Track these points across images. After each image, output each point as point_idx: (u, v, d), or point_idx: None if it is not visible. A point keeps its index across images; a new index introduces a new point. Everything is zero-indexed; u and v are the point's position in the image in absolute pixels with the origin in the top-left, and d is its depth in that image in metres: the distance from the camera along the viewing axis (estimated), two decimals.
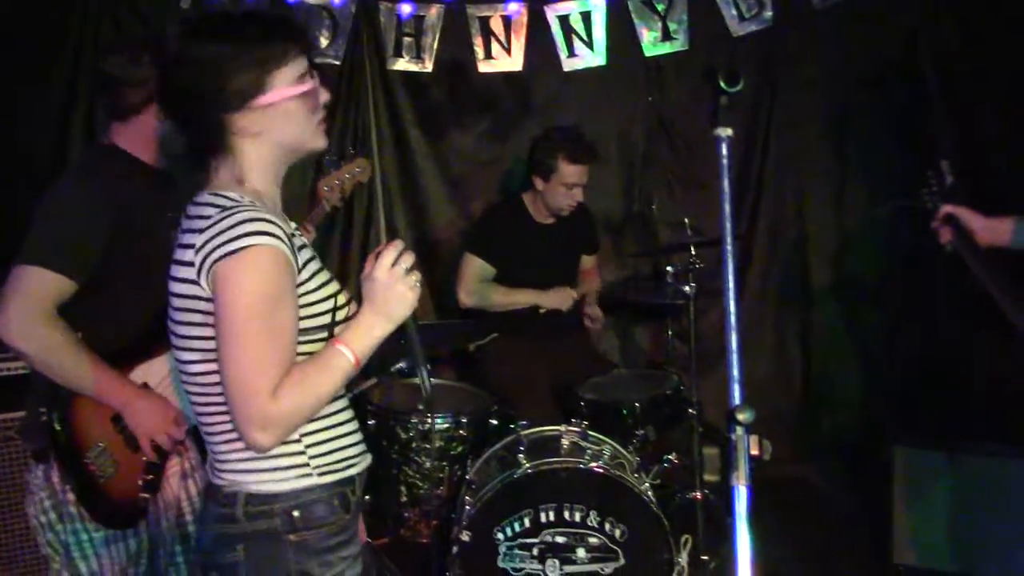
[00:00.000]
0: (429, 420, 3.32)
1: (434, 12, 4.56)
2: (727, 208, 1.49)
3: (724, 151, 1.48)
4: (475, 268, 4.02)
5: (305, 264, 1.76)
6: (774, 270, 4.79)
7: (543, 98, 4.68)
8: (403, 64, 4.61)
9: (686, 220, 3.67)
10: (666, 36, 4.61)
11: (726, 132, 1.49)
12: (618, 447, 3.32)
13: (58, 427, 2.31)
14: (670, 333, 4.25)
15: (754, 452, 1.35)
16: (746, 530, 1.33)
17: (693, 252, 3.58)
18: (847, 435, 4.72)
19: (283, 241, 1.67)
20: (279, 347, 1.67)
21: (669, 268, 3.81)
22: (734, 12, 4.56)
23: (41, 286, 2.23)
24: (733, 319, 1.40)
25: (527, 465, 3.09)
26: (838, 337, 4.79)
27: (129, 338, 2.40)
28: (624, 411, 3.57)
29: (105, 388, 2.30)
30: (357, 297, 1.86)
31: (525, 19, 4.59)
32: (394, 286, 1.76)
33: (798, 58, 4.62)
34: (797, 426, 4.86)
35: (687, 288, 3.54)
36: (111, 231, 2.31)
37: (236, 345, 1.64)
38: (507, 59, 4.61)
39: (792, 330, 4.84)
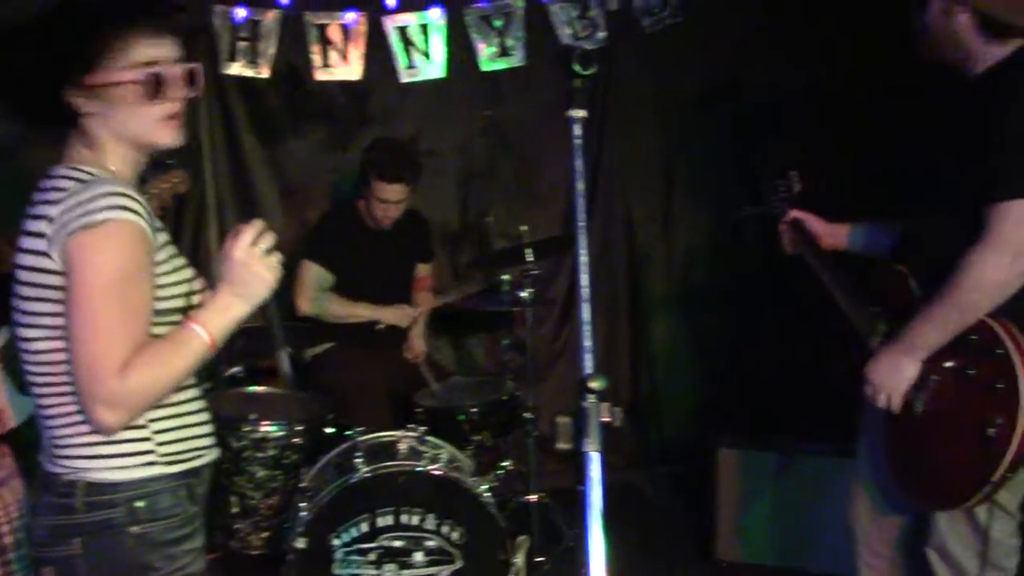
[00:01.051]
0: (261, 428, 3.26)
1: (271, 17, 4.49)
2: (579, 186, 1.53)
3: (577, 131, 1.53)
4: (313, 275, 3.97)
5: (162, 246, 1.72)
6: (603, 282, 4.93)
7: (381, 108, 4.68)
8: (238, 69, 4.51)
9: (522, 228, 3.73)
10: (503, 52, 4.69)
11: (579, 113, 1.54)
12: (455, 451, 3.34)
13: None
14: (505, 342, 4.31)
15: (605, 419, 1.39)
16: (599, 495, 1.37)
17: (529, 259, 3.64)
18: (675, 442, 4.90)
19: (143, 218, 1.62)
20: (132, 324, 1.61)
21: (504, 277, 3.87)
22: (568, 31, 4.69)
23: None
24: (585, 291, 1.44)
25: (364, 470, 3.06)
26: (667, 347, 4.97)
27: None
28: (461, 417, 3.60)
29: None
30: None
31: (364, 28, 4.58)
32: (252, 266, 1.72)
33: (630, 77, 4.78)
34: (627, 434, 5.00)
35: (524, 294, 3.59)
36: None
37: (88, 320, 1.58)
38: (345, 68, 4.58)
39: (622, 341, 4.98)
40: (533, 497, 3.65)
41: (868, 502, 2.68)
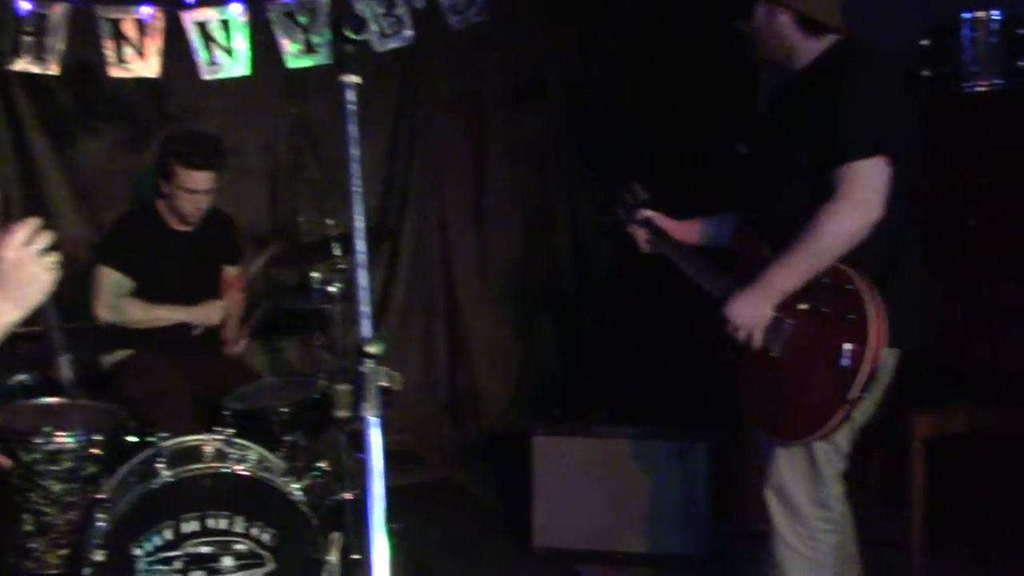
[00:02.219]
0: (55, 440, 3.09)
1: (58, 11, 4.25)
2: (354, 152, 1.52)
3: (351, 97, 1.51)
4: (110, 281, 3.78)
5: None
6: (419, 282, 4.93)
7: (182, 106, 4.51)
8: (23, 65, 4.26)
9: (328, 222, 3.68)
10: (309, 49, 4.62)
11: (352, 79, 1.53)
12: (265, 452, 3.24)
13: None
14: (317, 343, 4.24)
15: (384, 384, 1.37)
16: (381, 461, 1.35)
17: (338, 254, 3.59)
18: (495, 436, 4.94)
19: None
20: None
21: (314, 275, 3.80)
22: (375, 28, 4.67)
23: None
24: (362, 257, 1.43)
25: (166, 475, 2.93)
26: (484, 343, 5.01)
27: None
28: (271, 418, 3.51)
29: None
30: None
31: (161, 24, 4.41)
32: (27, 266, 1.62)
33: (438, 75, 4.82)
34: (445, 433, 5.02)
35: (332, 289, 3.54)
36: None
37: None
38: (142, 64, 4.39)
39: (438, 340, 5.00)
40: (348, 495, 3.59)
41: None
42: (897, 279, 2.45)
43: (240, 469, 3.01)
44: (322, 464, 3.68)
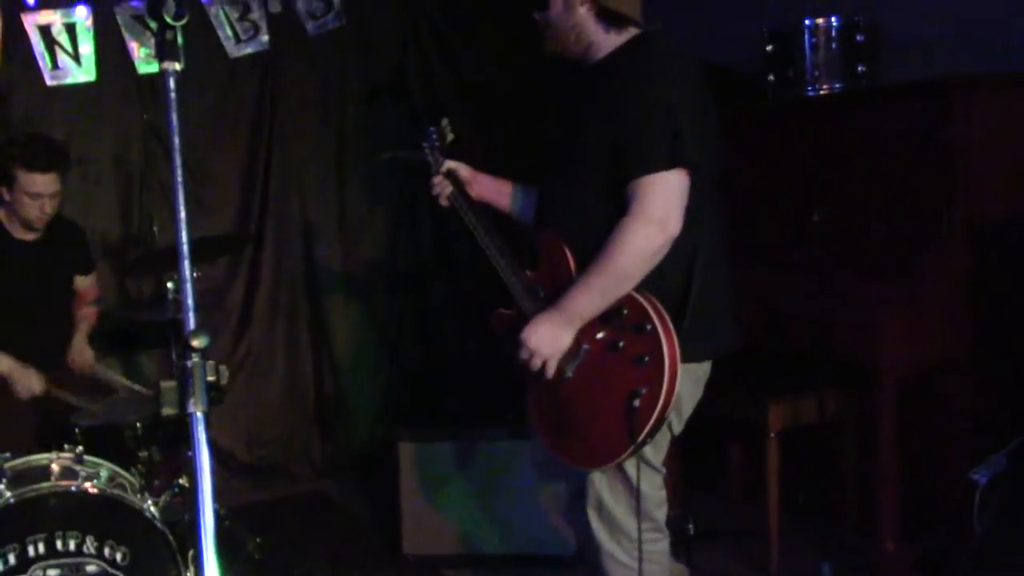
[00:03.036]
0: None
1: None
2: (176, 140, 1.47)
3: (171, 85, 1.47)
4: None
5: None
6: (281, 289, 4.84)
7: (24, 112, 4.29)
8: None
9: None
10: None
11: (174, 66, 1.49)
12: (118, 469, 3.12)
13: None
14: (176, 355, 4.11)
15: (211, 378, 1.34)
16: (207, 457, 1.31)
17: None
18: (363, 445, 4.89)
19: None
20: None
21: (169, 284, 3.69)
22: (229, 33, 4.58)
23: None
24: (185, 248, 1.39)
25: (9, 495, 2.79)
26: (350, 351, 4.96)
27: None
28: (124, 433, 3.39)
29: None
30: None
31: (0, 26, 4.22)
32: None
33: (295, 79, 4.76)
34: (313, 444, 4.95)
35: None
36: None
37: None
38: None
39: (303, 349, 4.92)
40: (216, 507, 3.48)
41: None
42: (701, 290, 2.39)
43: (90, 487, 2.90)
44: (181, 480, 3.58)
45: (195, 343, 1.30)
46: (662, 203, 2.29)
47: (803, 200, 3.69)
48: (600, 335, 2.40)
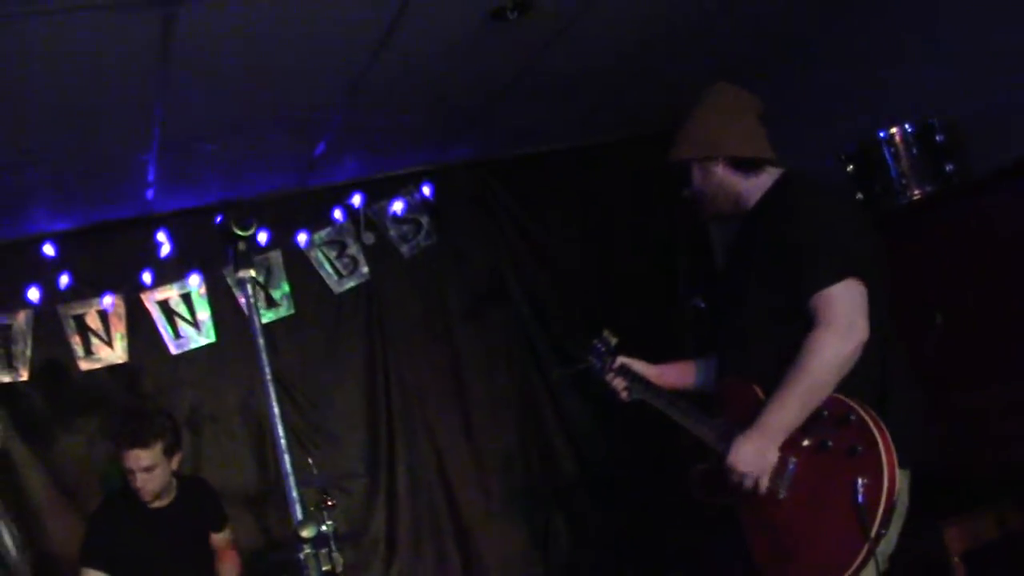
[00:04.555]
0: None
1: (22, 318, 4.36)
2: (260, 341, 1.51)
3: (249, 291, 1.53)
4: None
5: None
6: (422, 507, 4.82)
7: (154, 385, 4.55)
8: None
9: (309, 460, 3.64)
10: (271, 304, 4.72)
11: (249, 273, 1.55)
12: None
13: None
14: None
15: (326, 568, 1.31)
16: None
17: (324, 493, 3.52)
18: None
19: None
20: None
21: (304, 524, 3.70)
22: (330, 270, 4.80)
23: None
24: (283, 443, 1.39)
25: None
26: (499, 557, 4.85)
27: None
28: None
29: None
30: None
31: (123, 310, 4.52)
32: None
33: (398, 301, 4.92)
34: None
35: (325, 528, 3.45)
36: None
37: None
38: (110, 352, 4.48)
39: (452, 562, 4.83)
40: None
41: None
42: (893, 397, 2.39)
43: None
44: None
45: (304, 533, 1.29)
46: (847, 311, 2.35)
47: (919, 315, 3.54)
48: (806, 443, 2.39)
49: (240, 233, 1.54)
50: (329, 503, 3.52)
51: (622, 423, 3.36)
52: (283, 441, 1.37)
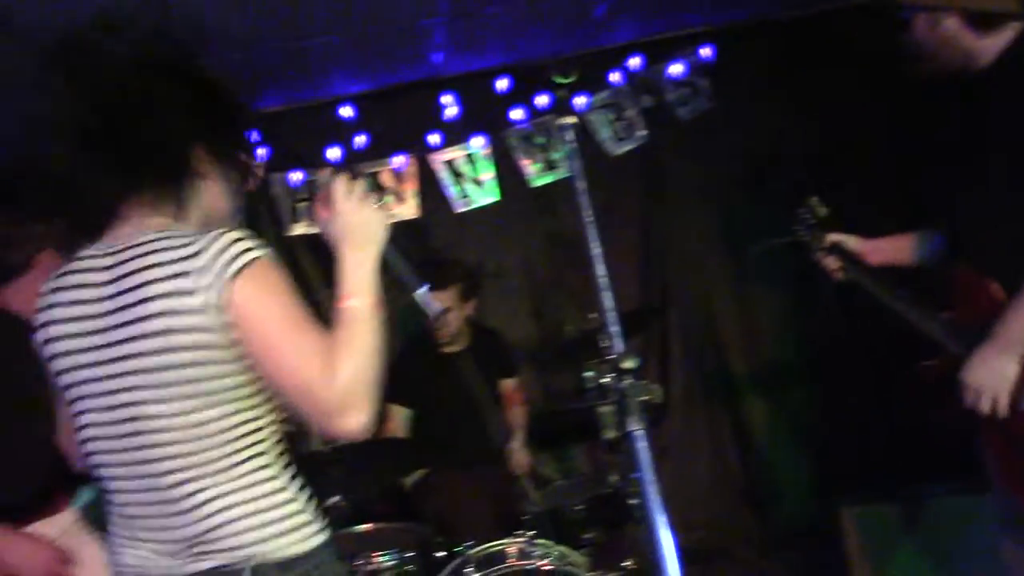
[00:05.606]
0: (373, 561, 3.27)
1: (324, 174, 4.68)
2: (581, 185, 1.57)
3: (570, 136, 1.58)
4: (399, 416, 4.03)
5: None
6: (693, 374, 4.88)
7: (442, 241, 4.81)
8: (302, 228, 4.73)
9: (591, 316, 3.73)
10: (550, 166, 4.83)
11: (570, 120, 1.60)
12: (566, 550, 3.27)
13: None
14: (605, 439, 4.23)
15: (645, 397, 1.37)
16: (652, 476, 1.34)
17: (605, 344, 3.62)
18: (799, 520, 4.71)
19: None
20: (318, 335, 1.58)
21: (587, 373, 3.83)
22: (608, 133, 4.83)
23: None
24: (603, 280, 1.45)
25: None
26: (769, 427, 4.85)
27: (20, 494, 2.39)
28: (567, 517, 3.54)
29: None
30: None
31: (414, 169, 4.78)
32: (361, 211, 1.73)
33: (675, 165, 4.89)
34: (748, 524, 4.84)
35: (605, 380, 3.55)
36: None
37: (287, 350, 1.55)
38: (402, 207, 4.76)
39: (723, 430, 4.89)
40: None
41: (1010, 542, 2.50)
42: None
43: (545, 565, 3.05)
44: (626, 563, 3.65)
45: (625, 365, 1.35)
46: None
47: None
48: None
49: (561, 80, 1.59)
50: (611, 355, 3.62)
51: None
52: (602, 279, 1.43)
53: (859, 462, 4.37)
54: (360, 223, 1.73)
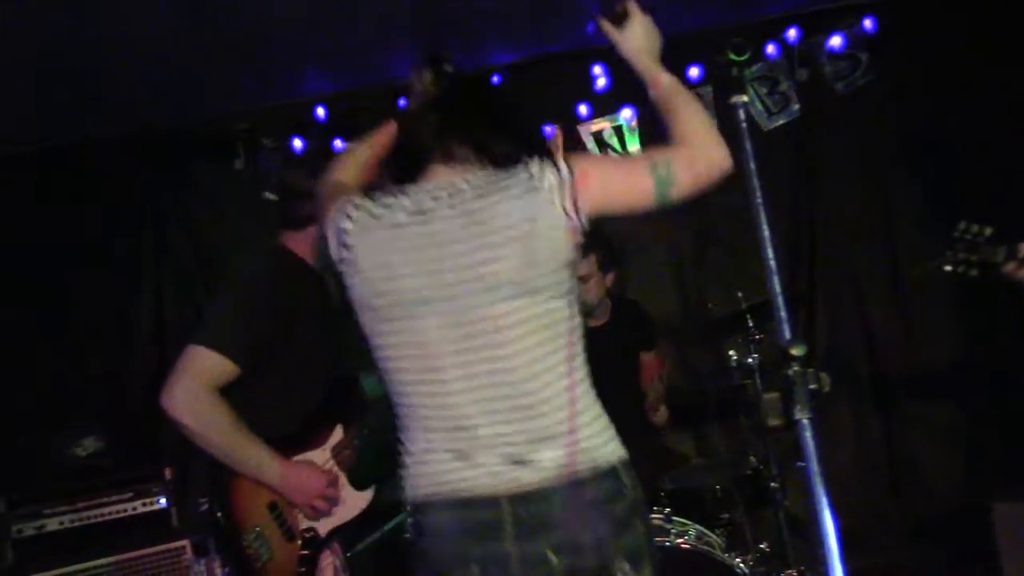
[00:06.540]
0: None
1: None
2: (751, 166, 1.54)
3: (742, 116, 1.56)
4: None
5: None
6: (840, 353, 4.74)
7: None
8: None
9: (739, 294, 3.69)
10: None
11: (742, 99, 1.58)
12: (703, 529, 3.25)
13: (219, 514, 2.46)
14: (745, 424, 4.17)
15: (812, 386, 1.34)
16: (817, 466, 1.32)
17: (751, 324, 3.57)
18: (940, 511, 4.55)
19: None
20: None
21: (730, 352, 3.78)
22: (761, 107, 4.72)
23: (207, 366, 2.41)
24: (772, 264, 1.43)
25: None
26: (920, 413, 4.69)
27: (288, 429, 2.58)
28: (706, 496, 3.52)
29: (259, 461, 2.46)
30: None
31: (559, 140, 4.76)
32: (645, 24, 2.02)
33: (830, 140, 4.74)
34: (886, 511, 4.71)
35: (750, 360, 3.51)
36: (275, 326, 2.51)
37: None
38: None
39: (869, 414, 4.74)
40: (792, 572, 3.47)
41: None
42: None
43: (681, 543, 3.04)
44: (762, 545, 3.60)
45: (794, 351, 1.33)
46: None
47: None
48: None
49: (735, 58, 1.56)
50: (757, 336, 3.57)
51: None
52: (772, 262, 1.40)
53: (1013, 459, 4.19)
54: (647, 31, 2.03)
